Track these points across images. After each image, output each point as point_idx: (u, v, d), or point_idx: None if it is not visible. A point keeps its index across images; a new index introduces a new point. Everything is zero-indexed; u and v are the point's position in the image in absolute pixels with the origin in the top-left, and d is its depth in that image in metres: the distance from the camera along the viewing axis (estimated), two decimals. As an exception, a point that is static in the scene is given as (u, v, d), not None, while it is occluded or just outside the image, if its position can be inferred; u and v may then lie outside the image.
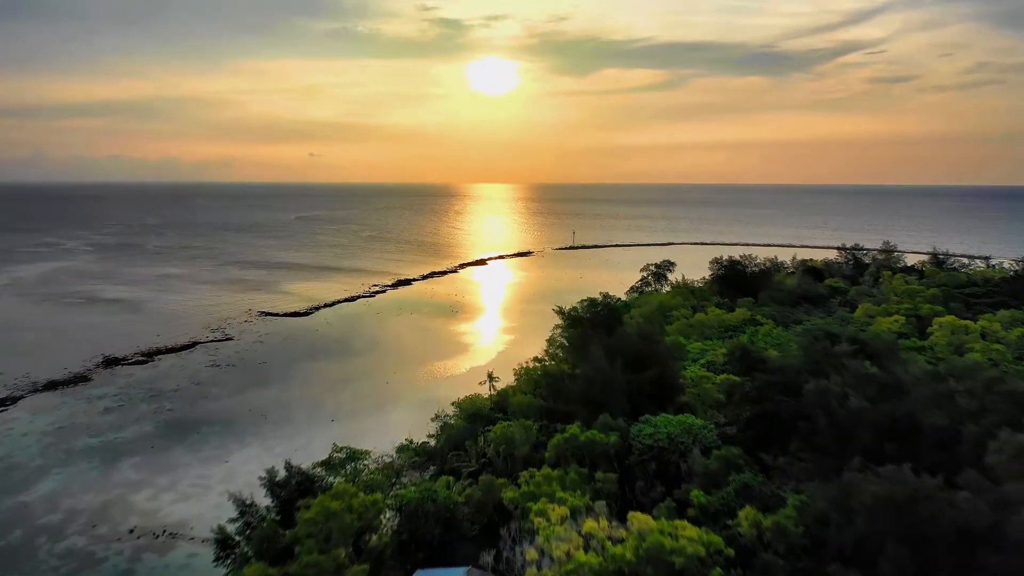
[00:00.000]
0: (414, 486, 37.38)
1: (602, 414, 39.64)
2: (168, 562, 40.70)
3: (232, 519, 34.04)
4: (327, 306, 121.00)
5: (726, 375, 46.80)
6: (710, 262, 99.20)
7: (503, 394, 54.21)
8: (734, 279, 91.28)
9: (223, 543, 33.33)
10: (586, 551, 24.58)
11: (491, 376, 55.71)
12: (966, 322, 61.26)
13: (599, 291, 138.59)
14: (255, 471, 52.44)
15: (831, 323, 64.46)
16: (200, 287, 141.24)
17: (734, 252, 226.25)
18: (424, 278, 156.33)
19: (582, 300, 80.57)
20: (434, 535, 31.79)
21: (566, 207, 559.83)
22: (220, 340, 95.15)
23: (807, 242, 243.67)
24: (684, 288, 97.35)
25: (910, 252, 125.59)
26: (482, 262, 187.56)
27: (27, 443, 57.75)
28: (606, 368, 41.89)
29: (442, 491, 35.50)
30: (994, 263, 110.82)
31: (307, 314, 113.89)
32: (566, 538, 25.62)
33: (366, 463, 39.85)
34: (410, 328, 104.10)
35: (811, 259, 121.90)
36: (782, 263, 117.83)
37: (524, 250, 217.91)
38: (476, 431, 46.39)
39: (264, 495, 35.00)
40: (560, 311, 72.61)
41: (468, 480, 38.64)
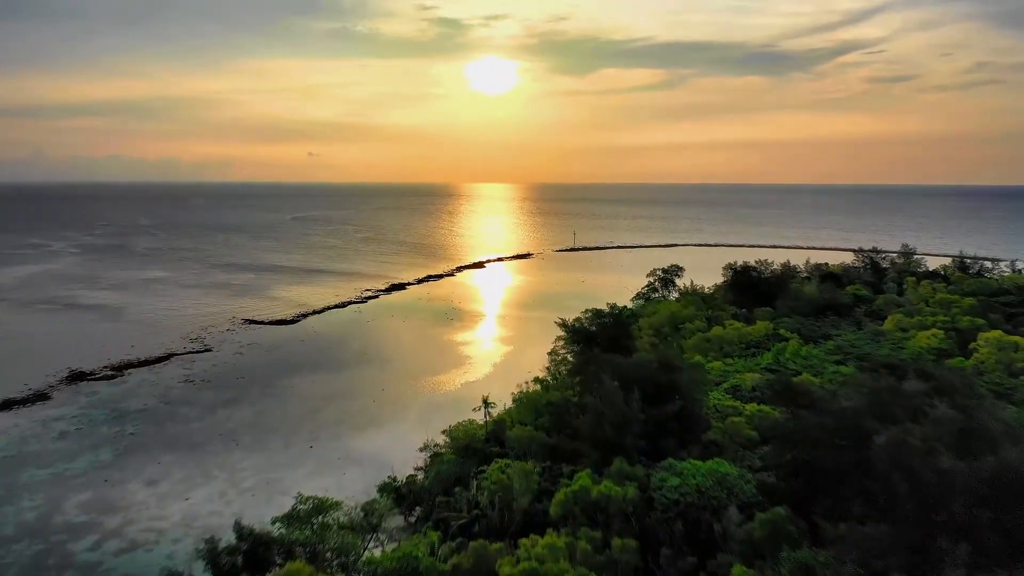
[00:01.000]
0: (392, 548, 31.16)
1: (616, 458, 33.40)
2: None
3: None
4: (315, 313, 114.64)
5: (756, 406, 40.58)
6: (724, 268, 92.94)
7: (500, 422, 47.93)
8: (749, 286, 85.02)
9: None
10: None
11: (486, 402, 49.36)
12: (1015, 338, 55.02)
13: (602, 296, 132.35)
14: (218, 511, 46.39)
15: (863, 339, 58.21)
16: (184, 292, 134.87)
17: (739, 254, 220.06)
18: (419, 282, 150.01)
19: (586, 310, 74.77)
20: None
21: (566, 207, 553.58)
22: (198, 351, 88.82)
23: (814, 243, 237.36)
24: (695, 296, 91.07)
25: (922, 254, 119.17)
26: (480, 265, 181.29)
27: (-34, 475, 51.44)
28: (620, 402, 35.63)
29: (424, 557, 29.28)
30: (1020, 267, 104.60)
31: (293, 322, 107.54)
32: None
33: (336, 515, 33.58)
34: (402, 337, 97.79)
35: (825, 263, 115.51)
36: (795, 267, 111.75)
37: (523, 252, 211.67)
38: (468, 472, 40.16)
39: (204, 570, 28.63)
40: (563, 324, 66.37)
41: (458, 539, 32.38)
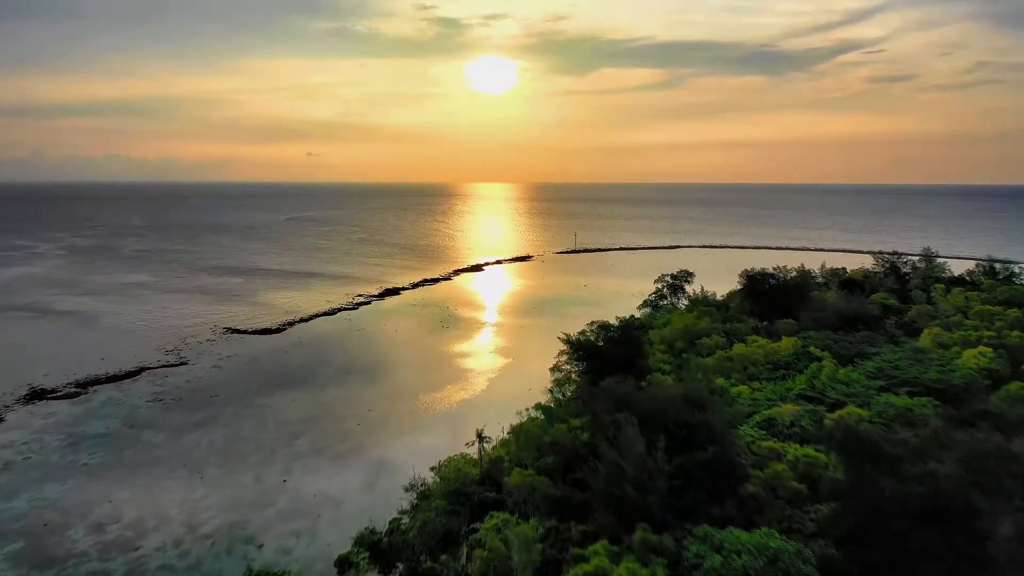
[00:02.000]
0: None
1: (639, 525, 27.08)
2: None
3: None
4: (302, 321, 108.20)
5: (799, 448, 34.27)
6: (740, 275, 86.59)
7: (497, 460, 41.56)
8: (767, 295, 78.63)
9: None
10: None
11: (481, 436, 43.03)
12: (1078, 358, 48.76)
13: (606, 302, 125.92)
14: (170, 566, 40.03)
15: (905, 359, 51.89)
16: (167, 298, 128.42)
17: (744, 256, 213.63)
18: (415, 286, 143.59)
19: (592, 323, 68.42)
20: None
21: (566, 207, 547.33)
22: (172, 365, 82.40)
23: (821, 245, 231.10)
24: (709, 305, 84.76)
25: (940, 257, 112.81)
26: (478, 268, 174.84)
27: None
28: (641, 453, 29.27)
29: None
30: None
31: (279, 331, 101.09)
32: None
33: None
34: (393, 349, 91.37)
35: (843, 268, 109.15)
36: (809, 271, 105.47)
37: (523, 254, 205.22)
38: (459, 528, 33.84)
39: None
40: (568, 340, 59.98)
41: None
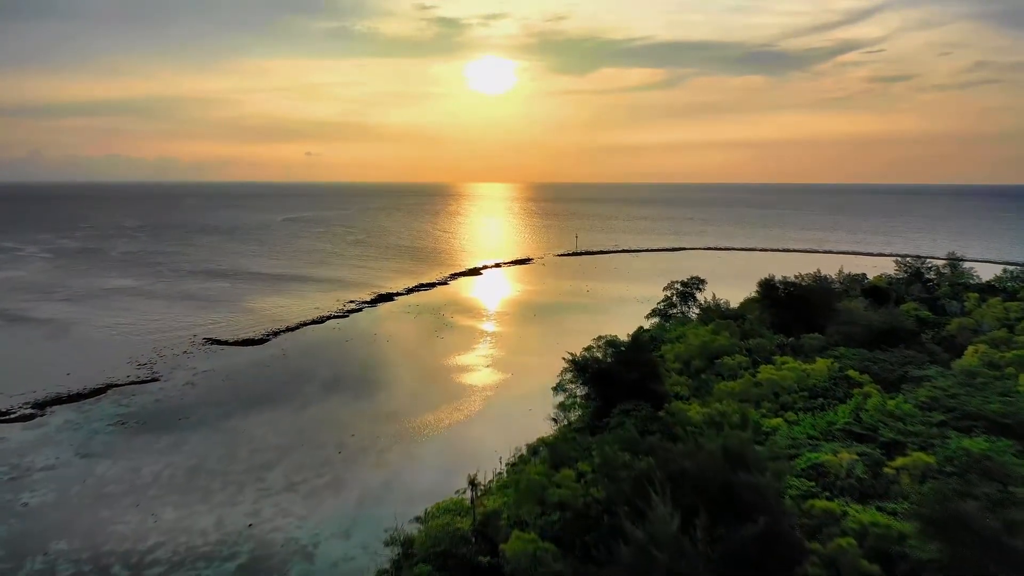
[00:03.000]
0: None
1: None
2: None
3: None
4: (288, 330, 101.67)
5: (863, 511, 27.84)
6: (758, 284, 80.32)
7: (493, 515, 35.07)
8: (789, 305, 72.17)
9: None
10: None
11: (473, 483, 36.60)
12: None
13: (610, 309, 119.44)
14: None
15: (957, 384, 45.39)
16: (148, 304, 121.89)
17: (750, 258, 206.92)
18: (409, 291, 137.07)
19: (598, 338, 62.09)
20: None
21: (565, 207, 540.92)
22: (142, 381, 75.89)
23: (829, 247, 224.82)
24: (724, 315, 78.32)
25: (946, 259, 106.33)
26: (476, 271, 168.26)
27: None
28: (676, 535, 22.82)
29: None
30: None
31: (261, 342, 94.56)
32: None
33: None
34: (383, 362, 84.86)
35: (862, 274, 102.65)
36: (826, 277, 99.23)
37: (523, 257, 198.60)
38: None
39: None
40: (573, 361, 53.62)
41: None
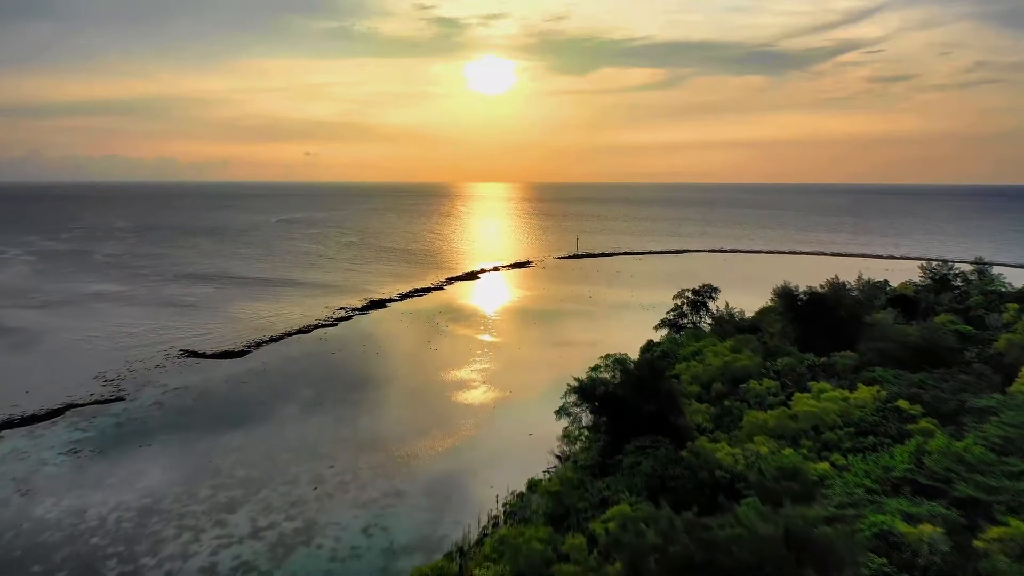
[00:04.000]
0: None
1: None
2: None
3: None
4: (272, 341, 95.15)
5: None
6: (773, 292, 73.98)
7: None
8: (814, 318, 65.70)
9: None
10: None
11: (463, 551, 30.21)
12: None
13: (615, 317, 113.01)
14: None
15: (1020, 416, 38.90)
16: (126, 312, 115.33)
17: (758, 260, 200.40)
18: (403, 297, 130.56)
19: (605, 357, 55.77)
20: None
21: (565, 207, 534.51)
22: (106, 400, 69.35)
23: (836, 249, 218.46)
24: (742, 328, 71.99)
25: (974, 263, 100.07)
26: (474, 275, 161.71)
27: None
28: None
29: None
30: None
31: (241, 354, 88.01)
32: None
33: None
34: (370, 378, 78.31)
35: (884, 280, 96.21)
36: (844, 284, 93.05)
37: (522, 260, 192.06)
38: None
39: None
40: (579, 389, 47.23)
41: None
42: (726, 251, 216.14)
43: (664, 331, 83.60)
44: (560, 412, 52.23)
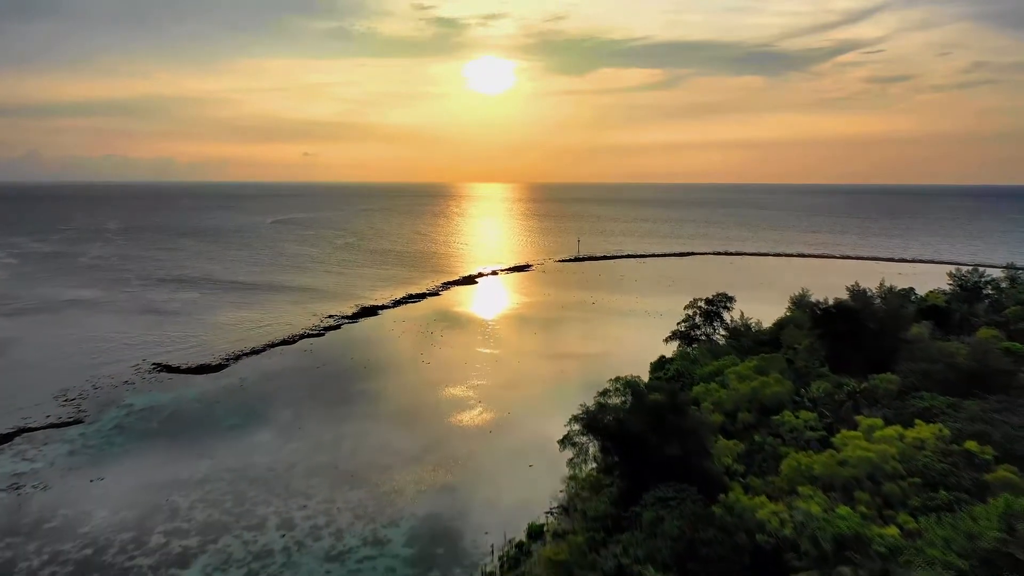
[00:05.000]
0: None
1: None
2: None
3: None
4: (253, 353, 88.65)
5: None
6: (793, 300, 67.76)
7: None
8: (844, 333, 59.29)
9: None
10: None
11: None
12: None
13: (620, 323, 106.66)
14: None
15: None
16: (103, 320, 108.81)
17: (765, 264, 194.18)
18: (396, 304, 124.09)
19: (614, 380, 49.36)
20: None
21: (565, 208, 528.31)
22: (63, 424, 62.86)
23: (846, 251, 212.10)
24: (761, 342, 65.67)
25: (1005, 269, 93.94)
26: (471, 280, 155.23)
27: None
28: None
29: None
30: None
31: (218, 368, 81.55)
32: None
33: None
34: (355, 396, 71.80)
35: (910, 288, 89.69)
36: (864, 291, 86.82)
37: (522, 263, 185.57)
38: None
39: None
40: (587, 423, 40.93)
41: None
42: (731, 253, 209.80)
43: (676, 344, 77.11)
44: (564, 442, 45.86)
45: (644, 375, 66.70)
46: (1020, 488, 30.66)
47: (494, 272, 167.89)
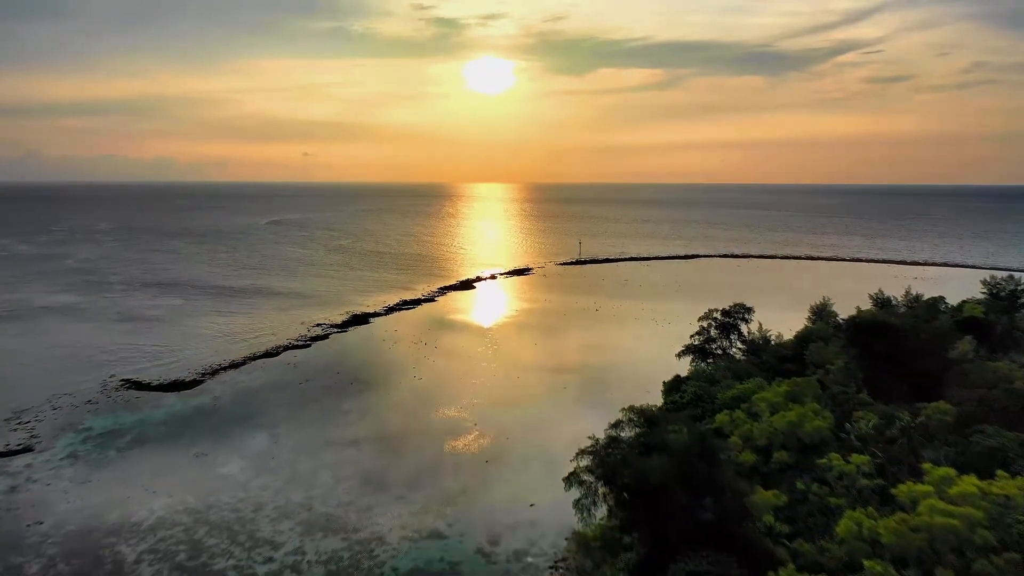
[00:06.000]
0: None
1: None
2: None
3: None
4: (233, 366, 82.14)
5: None
6: (813, 310, 61.52)
7: None
8: (881, 351, 52.85)
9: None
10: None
11: None
12: None
13: (627, 332, 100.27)
14: None
15: None
16: (77, 328, 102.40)
17: (773, 267, 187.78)
18: (389, 311, 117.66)
19: (627, 409, 42.87)
20: None
21: (566, 209, 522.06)
22: (9, 453, 56.19)
23: (856, 254, 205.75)
24: (783, 358, 59.30)
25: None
26: (469, 284, 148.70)
27: None
28: None
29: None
30: None
31: (192, 384, 75.05)
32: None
33: None
34: (338, 420, 65.25)
35: (940, 296, 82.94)
36: (889, 299, 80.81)
37: (522, 266, 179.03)
38: None
39: None
40: (595, 453, 34.71)
41: None
42: (737, 256, 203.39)
43: (691, 359, 70.60)
44: (570, 481, 39.41)
45: (655, 391, 60.38)
46: None
47: (493, 276, 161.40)
